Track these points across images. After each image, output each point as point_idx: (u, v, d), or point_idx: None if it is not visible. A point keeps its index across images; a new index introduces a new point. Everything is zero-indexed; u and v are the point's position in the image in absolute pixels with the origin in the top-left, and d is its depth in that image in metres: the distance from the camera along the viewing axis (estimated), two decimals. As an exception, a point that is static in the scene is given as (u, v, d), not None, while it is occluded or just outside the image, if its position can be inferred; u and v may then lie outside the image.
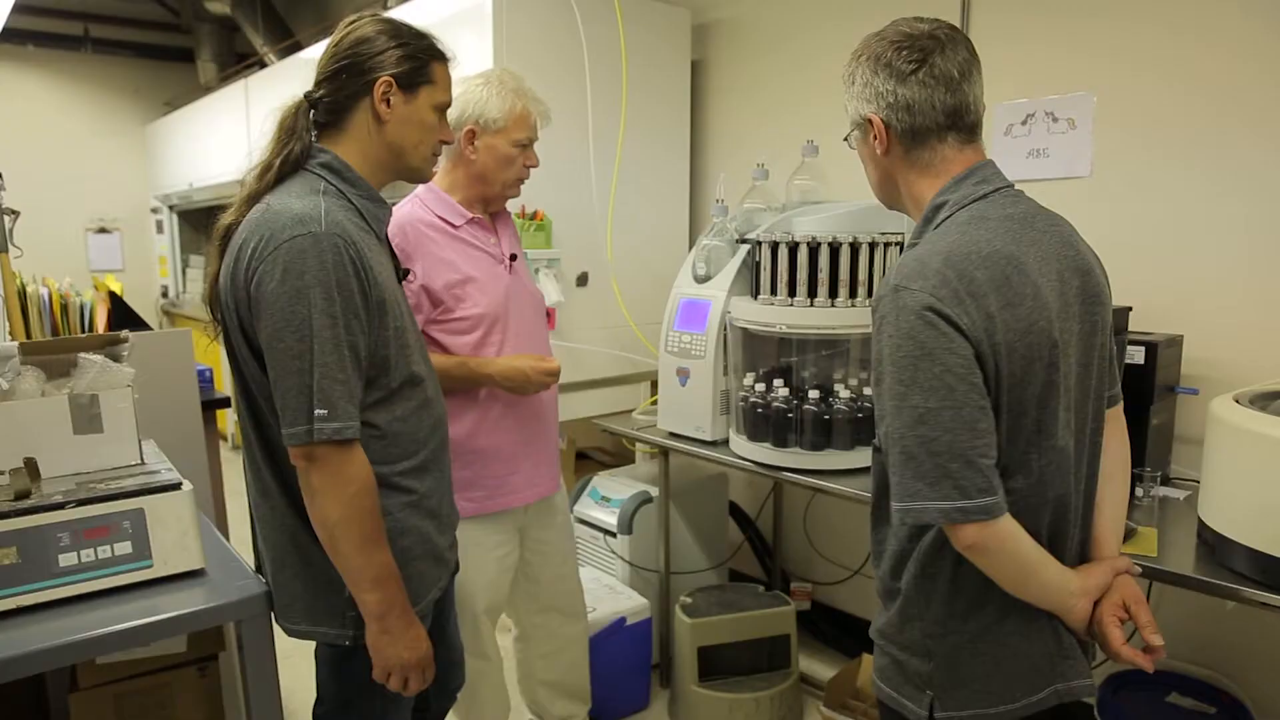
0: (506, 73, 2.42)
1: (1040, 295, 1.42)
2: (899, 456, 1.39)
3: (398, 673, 1.72)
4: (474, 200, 2.43)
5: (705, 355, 2.91)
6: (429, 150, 1.83)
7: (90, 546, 1.69)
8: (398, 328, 1.72)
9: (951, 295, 1.36)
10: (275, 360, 1.58)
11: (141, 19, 7.93)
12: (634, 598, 3.30)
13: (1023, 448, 1.45)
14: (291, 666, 2.16)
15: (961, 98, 1.48)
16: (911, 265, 1.41)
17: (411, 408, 1.77)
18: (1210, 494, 2.05)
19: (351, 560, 1.63)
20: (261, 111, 5.76)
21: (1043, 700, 1.51)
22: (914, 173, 1.54)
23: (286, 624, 1.78)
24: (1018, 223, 1.47)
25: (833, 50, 3.60)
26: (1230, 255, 2.65)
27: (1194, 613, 2.75)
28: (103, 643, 1.59)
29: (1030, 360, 1.41)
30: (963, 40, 1.50)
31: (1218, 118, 2.64)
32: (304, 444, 1.57)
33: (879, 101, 1.50)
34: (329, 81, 1.73)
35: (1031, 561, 1.44)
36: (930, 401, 1.35)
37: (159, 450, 2.09)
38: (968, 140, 1.52)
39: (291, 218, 1.58)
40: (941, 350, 1.35)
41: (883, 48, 1.51)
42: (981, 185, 1.50)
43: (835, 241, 2.59)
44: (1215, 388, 2.45)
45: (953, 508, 1.35)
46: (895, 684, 1.59)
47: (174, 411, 2.80)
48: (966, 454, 1.34)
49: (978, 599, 1.50)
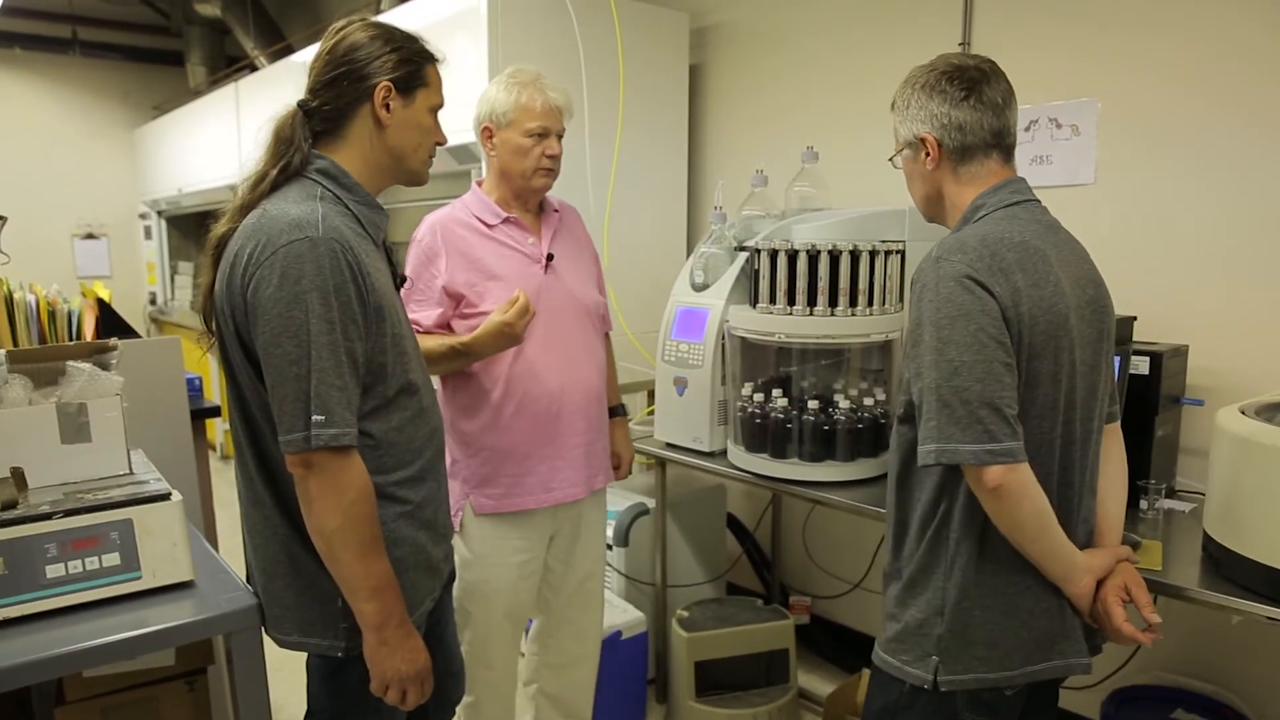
0: (518, 69, 2.48)
1: (1060, 286, 1.63)
2: (935, 404, 1.56)
3: (396, 685, 1.71)
4: (508, 199, 2.50)
5: (703, 364, 2.91)
6: (427, 153, 1.85)
7: (78, 558, 1.68)
8: (395, 334, 1.73)
9: (986, 268, 1.58)
10: (272, 366, 1.58)
11: (131, 22, 7.94)
12: (630, 611, 3.29)
13: (1030, 422, 1.61)
14: (282, 680, 2.15)
15: (1004, 121, 1.72)
16: (951, 243, 1.64)
17: (407, 417, 1.77)
18: (1216, 506, 2.05)
19: (349, 569, 1.62)
20: (252, 115, 5.78)
21: (1038, 672, 1.66)
22: (959, 184, 1.76)
23: (278, 635, 1.77)
24: (1045, 226, 1.71)
25: (833, 55, 3.62)
26: (1236, 264, 2.66)
27: (1199, 627, 2.75)
28: (90, 656, 1.58)
29: (1049, 336, 1.60)
30: (1002, 75, 1.74)
31: (1224, 124, 2.65)
32: (301, 451, 1.57)
33: (933, 122, 1.73)
34: (326, 89, 1.74)
35: (1048, 515, 1.60)
36: (965, 355, 1.54)
37: (147, 460, 2.08)
38: (1006, 160, 1.76)
39: (289, 223, 1.59)
40: (976, 312, 1.56)
41: (934, 77, 1.73)
42: (1015, 194, 1.73)
43: (835, 249, 2.60)
44: (1221, 398, 2.46)
45: (982, 449, 1.52)
46: (899, 652, 1.73)
47: (163, 421, 2.80)
48: (995, 402, 1.53)
49: (994, 568, 1.65)
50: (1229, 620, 2.04)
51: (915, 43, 3.35)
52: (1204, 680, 2.71)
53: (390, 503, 1.75)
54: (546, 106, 2.43)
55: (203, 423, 3.14)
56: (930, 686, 1.66)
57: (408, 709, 1.77)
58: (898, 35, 3.41)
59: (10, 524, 1.64)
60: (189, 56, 7.53)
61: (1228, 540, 1.98)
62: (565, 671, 2.79)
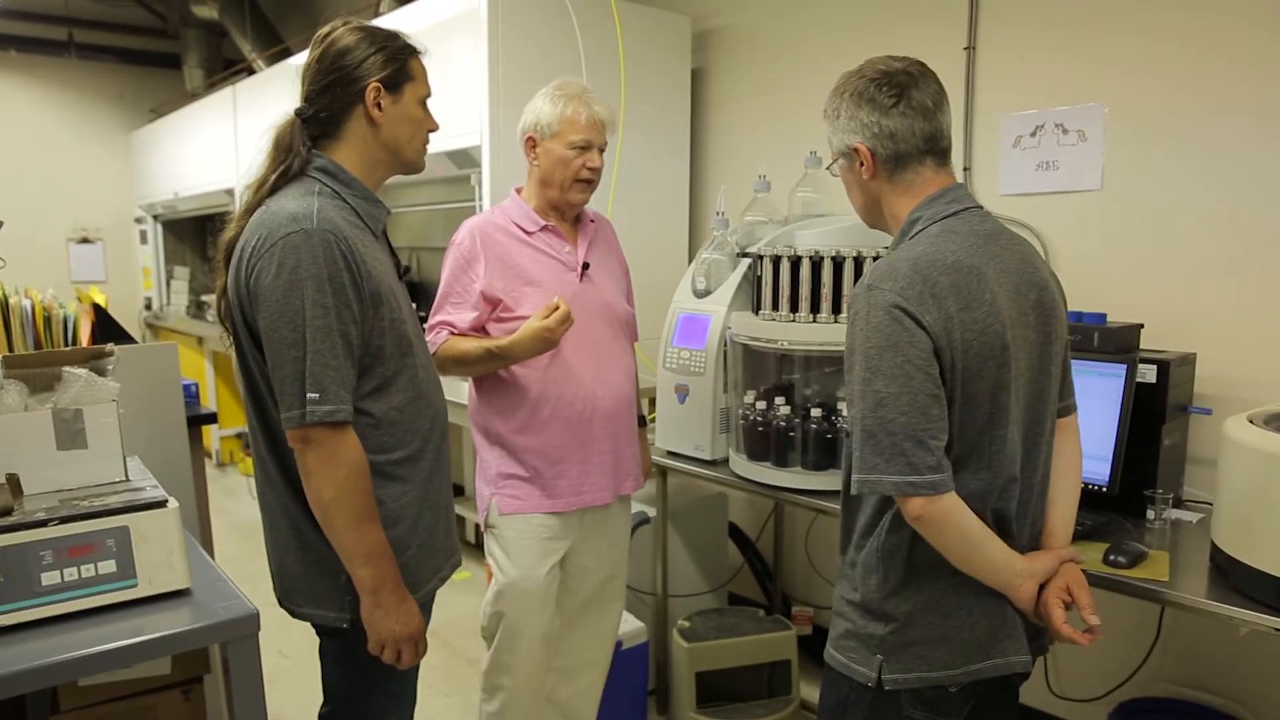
0: (565, 81, 2.58)
1: (996, 303, 1.62)
2: (861, 435, 1.61)
3: (391, 645, 1.84)
4: (546, 208, 2.58)
5: (705, 372, 2.91)
6: (421, 143, 1.97)
7: (73, 565, 1.69)
8: (393, 319, 1.85)
9: (916, 296, 1.58)
10: (272, 350, 1.73)
11: (127, 24, 7.95)
12: (630, 621, 3.28)
13: (974, 435, 1.65)
14: (279, 690, 2.16)
15: (936, 125, 1.71)
16: (883, 268, 1.64)
17: (408, 398, 1.90)
18: (1224, 517, 2.05)
19: (345, 536, 1.76)
20: (250, 118, 5.78)
21: (980, 670, 1.69)
22: (895, 194, 1.76)
23: (290, 606, 1.93)
24: (982, 238, 1.69)
25: (837, 59, 3.59)
26: (1245, 270, 2.66)
27: (1206, 639, 2.75)
28: (85, 664, 1.59)
29: (984, 358, 1.61)
30: (933, 76, 1.73)
31: (1233, 129, 2.66)
32: (299, 426, 1.71)
33: (864, 132, 1.73)
34: (320, 96, 1.87)
35: (976, 538, 1.63)
36: (891, 388, 1.57)
37: (144, 467, 2.09)
38: (941, 164, 1.75)
39: (287, 217, 1.74)
40: (904, 343, 1.57)
41: (863, 85, 1.72)
42: (953, 204, 1.72)
43: (838, 256, 2.60)
44: (1229, 407, 2.45)
45: (904, 481, 1.56)
46: (847, 650, 1.78)
47: (159, 427, 2.81)
48: (918, 435, 1.56)
49: (931, 572, 1.68)
50: (1237, 632, 2.04)
51: (920, 47, 3.34)
52: (1212, 693, 2.71)
53: (390, 481, 1.88)
54: (591, 120, 2.52)
55: (199, 430, 3.16)
56: (875, 685, 1.71)
57: (403, 668, 1.89)
58: (903, 40, 3.41)
59: (5, 531, 1.65)
60: (186, 59, 7.54)
61: (1236, 551, 1.98)
62: (575, 676, 2.80)
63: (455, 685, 3.74)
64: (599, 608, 2.77)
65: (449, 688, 3.72)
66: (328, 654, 2.00)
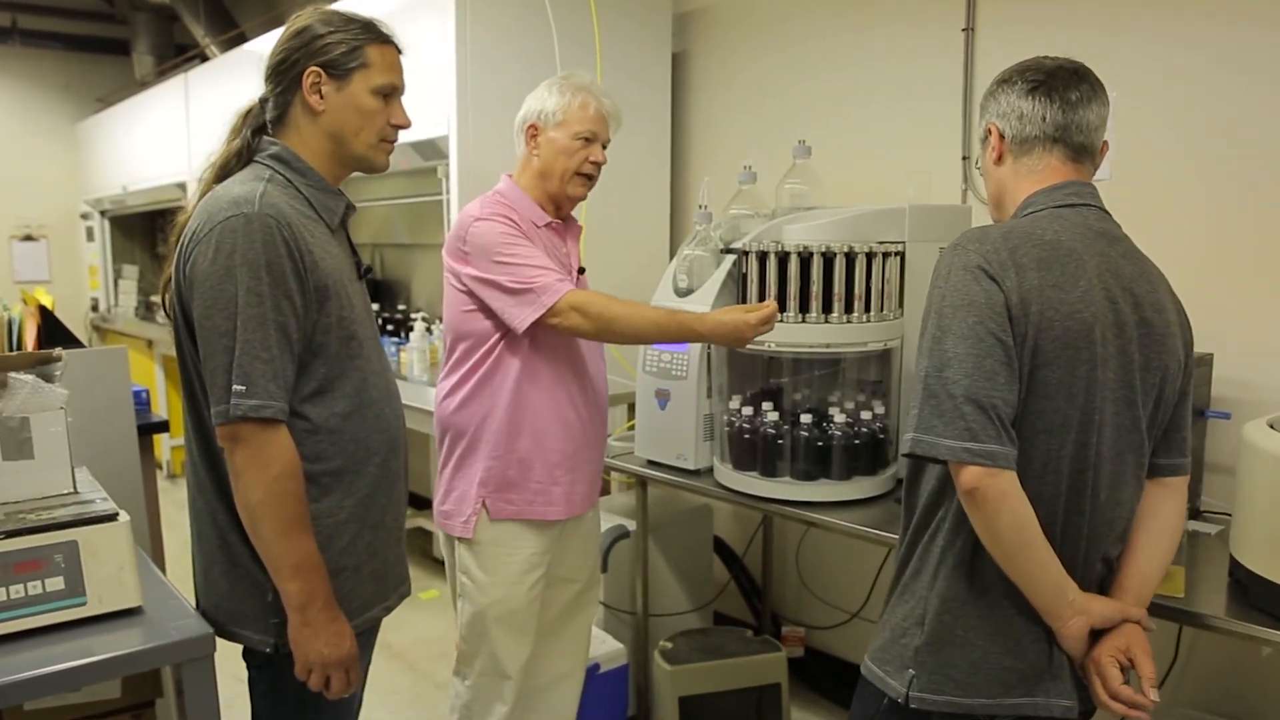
0: (572, 73, 2.63)
1: (1090, 294, 1.61)
2: (922, 393, 1.60)
3: (319, 669, 1.79)
4: (544, 201, 2.57)
5: (687, 376, 2.89)
6: (373, 136, 1.92)
7: (19, 582, 1.69)
8: (342, 317, 1.83)
9: (999, 261, 1.61)
10: (204, 340, 1.71)
11: (73, 9, 7.92)
12: (609, 642, 3.27)
13: (1041, 432, 1.62)
14: (235, 715, 2.14)
15: (1072, 117, 1.72)
16: (975, 232, 1.69)
17: (353, 406, 1.86)
18: (1244, 528, 2.03)
19: (272, 545, 1.73)
20: (203, 107, 5.76)
21: (1018, 706, 1.65)
22: (1018, 178, 1.78)
23: (214, 624, 1.85)
24: (1094, 234, 1.69)
25: (827, 43, 3.60)
26: (1264, 267, 2.65)
27: (1225, 659, 2.74)
28: (31, 686, 1.59)
29: (1064, 345, 1.59)
30: (1088, 75, 1.75)
31: (1252, 117, 2.65)
32: (226, 422, 1.68)
33: (997, 111, 1.78)
34: (271, 78, 1.89)
35: (1030, 532, 1.58)
36: (960, 348, 1.57)
37: (92, 478, 2.10)
38: (1073, 158, 1.75)
39: (228, 200, 1.73)
40: (981, 304, 1.58)
41: (1012, 72, 1.78)
42: (1072, 197, 1.72)
43: (829, 251, 2.58)
44: (1249, 411, 2.43)
45: (960, 446, 1.54)
46: (883, 661, 1.74)
47: (108, 436, 2.82)
48: (982, 400, 1.54)
49: (985, 583, 1.65)
50: (1258, 651, 2.02)
51: (917, 28, 3.34)
52: (1231, 716, 2.69)
53: (325, 494, 1.84)
54: (598, 112, 2.56)
55: (150, 439, 3.20)
56: (903, 700, 1.67)
57: (332, 697, 1.84)
58: (897, 22, 3.40)
59: (-52, 546, 1.65)
60: (135, 45, 7.50)
61: (1257, 565, 1.96)
62: (547, 692, 2.74)
63: (423, 713, 3.70)
64: (573, 614, 2.75)
65: (416, 715, 3.68)
66: (257, 687, 1.94)
